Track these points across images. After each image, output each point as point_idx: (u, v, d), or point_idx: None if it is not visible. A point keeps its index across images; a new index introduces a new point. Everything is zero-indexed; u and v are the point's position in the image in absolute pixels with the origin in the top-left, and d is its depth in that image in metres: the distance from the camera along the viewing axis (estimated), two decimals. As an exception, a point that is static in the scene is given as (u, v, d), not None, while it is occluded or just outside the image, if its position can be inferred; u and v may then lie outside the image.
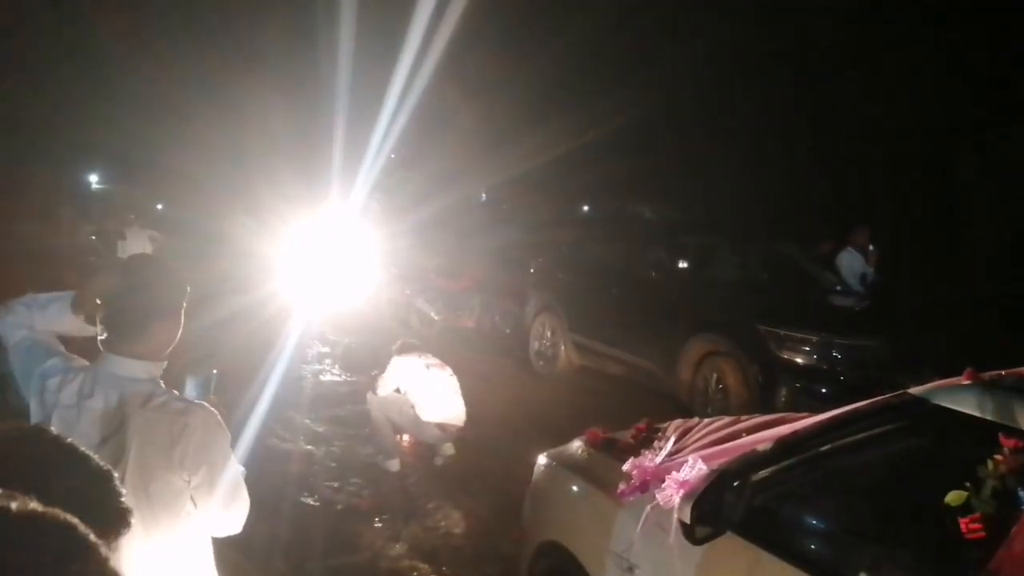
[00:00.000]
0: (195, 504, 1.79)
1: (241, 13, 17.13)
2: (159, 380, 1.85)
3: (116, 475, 1.00)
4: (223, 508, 1.84)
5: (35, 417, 1.82)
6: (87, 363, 1.89)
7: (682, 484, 2.44)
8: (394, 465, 5.79)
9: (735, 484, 2.28)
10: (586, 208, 22.43)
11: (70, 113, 19.02)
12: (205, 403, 1.84)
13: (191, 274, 1.96)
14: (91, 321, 1.89)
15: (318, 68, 15.10)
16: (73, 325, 1.97)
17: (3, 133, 17.02)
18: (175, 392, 1.85)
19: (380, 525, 4.89)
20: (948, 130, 13.58)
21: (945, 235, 13.35)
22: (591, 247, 9.35)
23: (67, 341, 2.03)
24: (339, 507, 5.16)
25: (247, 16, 17.16)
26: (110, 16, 16.15)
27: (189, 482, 1.76)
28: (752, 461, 2.37)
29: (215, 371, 2.01)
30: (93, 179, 30.01)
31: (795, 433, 2.50)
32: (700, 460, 2.50)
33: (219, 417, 1.81)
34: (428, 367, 5.89)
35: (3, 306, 1.96)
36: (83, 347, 1.97)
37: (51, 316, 1.95)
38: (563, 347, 8.52)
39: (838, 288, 8.01)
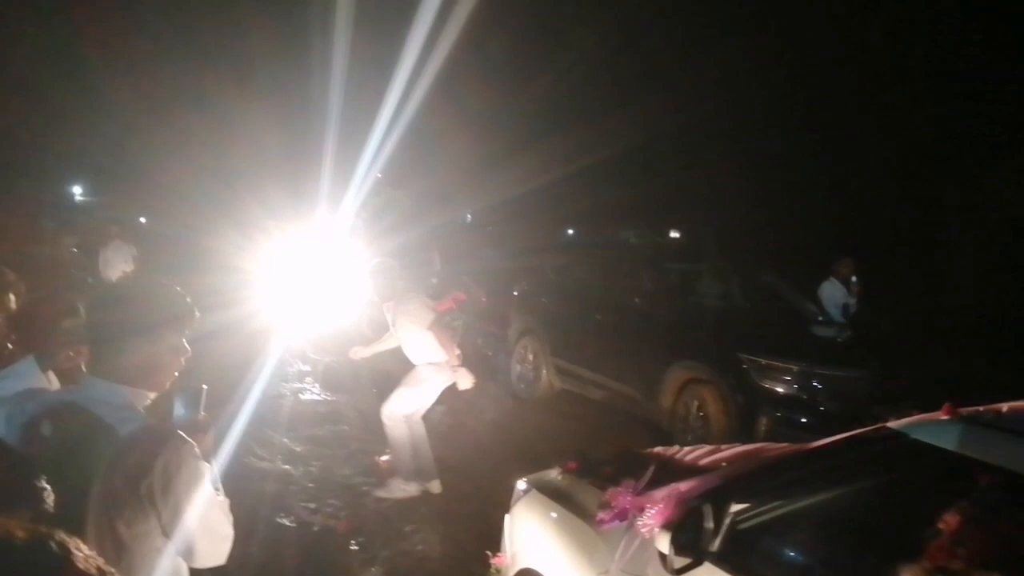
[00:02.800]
0: (168, 539, 1.68)
1: (230, 26, 17.19)
2: (137, 407, 1.74)
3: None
4: (200, 543, 1.73)
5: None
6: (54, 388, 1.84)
7: (661, 514, 2.44)
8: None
9: (713, 514, 2.28)
10: (571, 232, 22.55)
11: (54, 124, 18.92)
12: (182, 432, 1.70)
13: (185, 291, 1.84)
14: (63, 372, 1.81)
15: (308, 84, 15.17)
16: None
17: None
18: (151, 420, 1.74)
19: (356, 548, 4.83)
20: (934, 163, 13.77)
21: (929, 268, 13.48)
22: (575, 272, 9.36)
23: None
24: (315, 529, 5.09)
25: (236, 29, 17.23)
26: (96, 27, 16.15)
27: (160, 516, 1.65)
28: (731, 492, 2.37)
29: (204, 386, 1.89)
30: (76, 191, 29.83)
31: (774, 465, 2.51)
32: (679, 490, 2.50)
33: (195, 448, 1.69)
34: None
35: None
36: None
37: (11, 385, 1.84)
38: (545, 371, 8.50)
39: (820, 318, 8.06)
